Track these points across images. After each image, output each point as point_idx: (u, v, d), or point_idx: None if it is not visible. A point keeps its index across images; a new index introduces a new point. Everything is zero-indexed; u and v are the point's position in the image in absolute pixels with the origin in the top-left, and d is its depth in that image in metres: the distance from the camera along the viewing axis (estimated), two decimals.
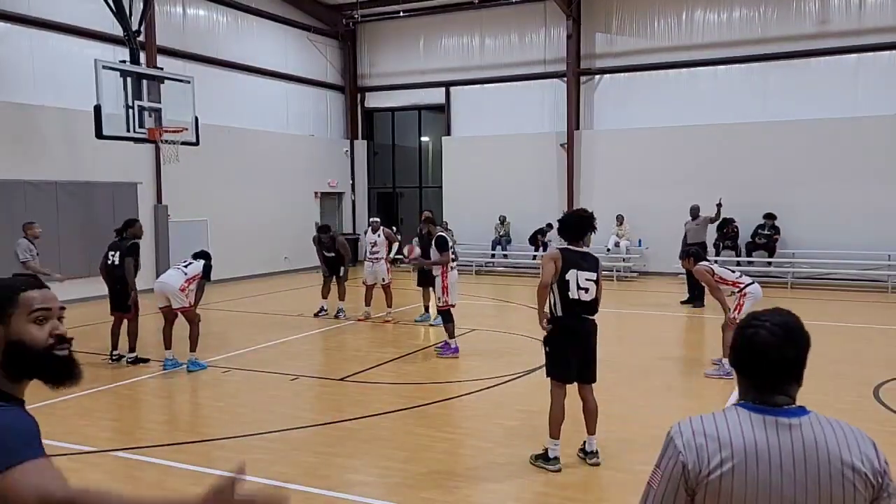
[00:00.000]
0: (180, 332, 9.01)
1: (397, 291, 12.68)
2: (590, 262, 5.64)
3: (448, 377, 8.65)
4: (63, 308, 1.91)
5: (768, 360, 1.80)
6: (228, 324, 12.25)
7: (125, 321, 9.31)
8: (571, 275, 5.49)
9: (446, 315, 9.75)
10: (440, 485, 5.33)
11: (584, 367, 5.66)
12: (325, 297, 12.72)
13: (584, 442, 5.75)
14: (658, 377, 8.51)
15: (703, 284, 8.90)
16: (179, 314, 8.92)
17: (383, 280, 12.33)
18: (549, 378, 5.69)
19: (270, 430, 6.57)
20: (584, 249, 5.74)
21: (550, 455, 5.55)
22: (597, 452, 5.69)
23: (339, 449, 6.11)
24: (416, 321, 12.14)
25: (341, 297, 12.58)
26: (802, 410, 1.81)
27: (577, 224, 5.66)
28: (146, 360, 9.27)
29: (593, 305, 5.62)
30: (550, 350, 5.62)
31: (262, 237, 19.03)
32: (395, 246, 13.03)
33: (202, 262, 9.15)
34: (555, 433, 5.56)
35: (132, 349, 9.27)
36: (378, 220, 12.95)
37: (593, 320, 5.68)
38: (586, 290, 5.53)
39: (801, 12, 17.23)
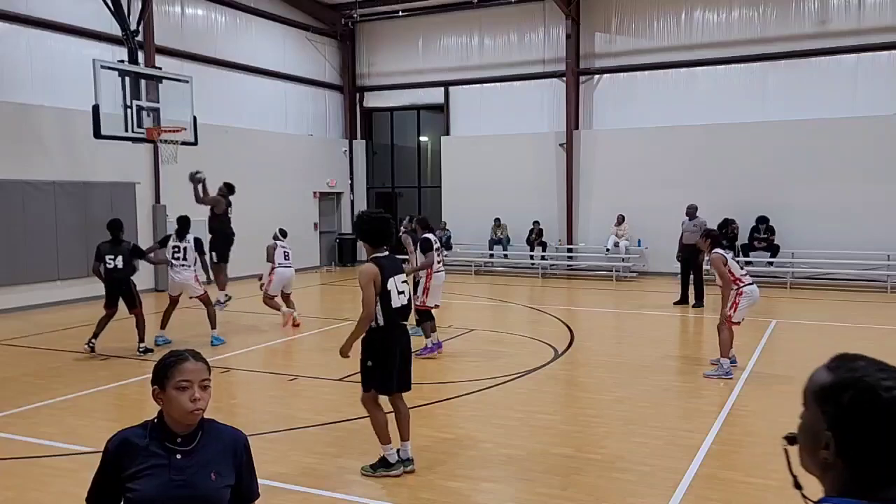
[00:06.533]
0: (178, 317, 9.46)
1: None
2: (398, 264, 5.56)
3: (447, 377, 8.64)
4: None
5: None
6: (227, 324, 12.22)
7: (112, 316, 9.57)
8: (391, 283, 5.33)
9: (424, 314, 9.63)
10: (439, 485, 5.32)
11: (402, 375, 5.53)
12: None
13: (399, 450, 5.51)
14: (658, 377, 8.50)
15: (714, 273, 8.61)
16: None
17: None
18: (368, 392, 5.43)
19: (269, 431, 6.56)
20: (387, 252, 5.54)
21: (391, 461, 5.45)
22: (412, 459, 5.53)
23: (338, 449, 6.10)
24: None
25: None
26: None
27: (385, 228, 5.46)
28: (150, 350, 9.49)
29: (409, 309, 5.58)
30: (374, 364, 5.35)
31: (260, 237, 18.95)
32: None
33: (192, 241, 10.02)
34: (386, 439, 5.45)
35: (141, 339, 9.58)
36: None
37: (405, 325, 5.61)
38: (402, 292, 5.44)
39: (801, 12, 17.23)
